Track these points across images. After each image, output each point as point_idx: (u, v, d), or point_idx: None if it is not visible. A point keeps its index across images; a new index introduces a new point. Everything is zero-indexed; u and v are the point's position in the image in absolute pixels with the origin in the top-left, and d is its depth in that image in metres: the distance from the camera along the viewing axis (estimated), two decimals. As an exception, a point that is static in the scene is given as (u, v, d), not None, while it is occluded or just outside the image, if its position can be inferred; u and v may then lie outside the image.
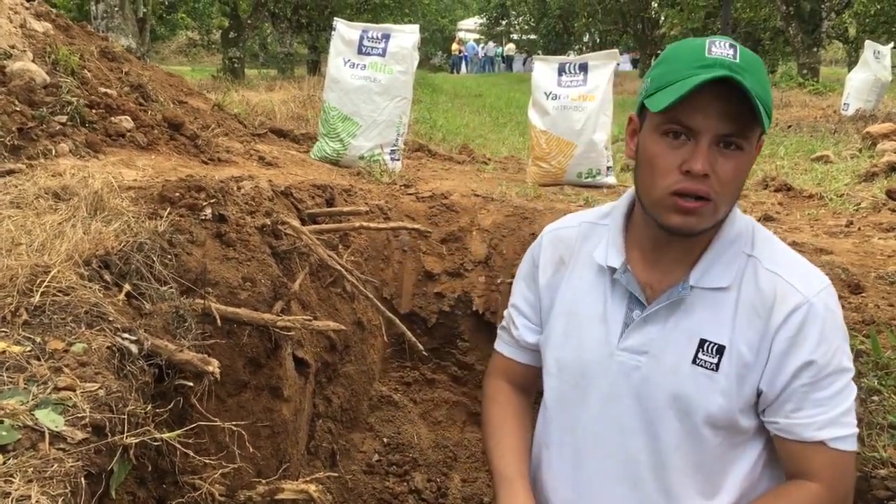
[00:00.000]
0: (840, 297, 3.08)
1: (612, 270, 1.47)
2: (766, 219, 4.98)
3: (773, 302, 1.37)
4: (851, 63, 19.42)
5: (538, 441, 1.64)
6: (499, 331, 1.73)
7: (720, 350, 1.38)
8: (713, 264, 1.41)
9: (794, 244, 4.08)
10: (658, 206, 1.35)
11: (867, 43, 13.40)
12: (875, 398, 2.20)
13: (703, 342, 1.39)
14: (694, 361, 1.39)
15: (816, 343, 1.35)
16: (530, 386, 1.71)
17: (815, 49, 19.50)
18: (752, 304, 1.38)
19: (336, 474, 3.75)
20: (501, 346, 1.71)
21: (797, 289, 1.38)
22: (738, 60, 1.28)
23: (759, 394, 1.39)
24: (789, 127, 12.33)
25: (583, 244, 1.55)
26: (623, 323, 1.46)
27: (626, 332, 1.45)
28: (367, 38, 6.58)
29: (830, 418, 1.37)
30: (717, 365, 1.38)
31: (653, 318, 1.43)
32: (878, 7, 18.33)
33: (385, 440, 4.30)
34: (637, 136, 1.42)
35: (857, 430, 1.42)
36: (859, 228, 4.73)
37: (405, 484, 4.07)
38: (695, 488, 1.43)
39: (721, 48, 1.29)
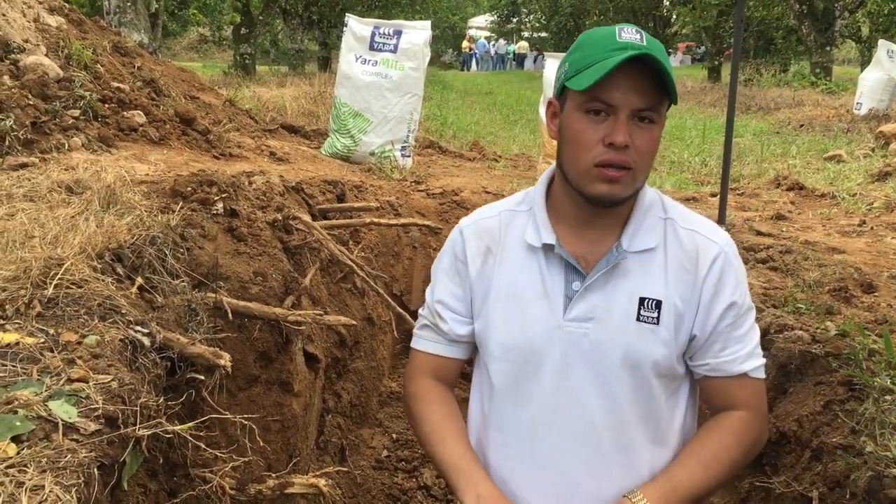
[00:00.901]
0: (853, 297, 3.08)
1: (549, 247, 1.55)
2: (777, 217, 4.96)
3: (697, 255, 1.53)
4: (864, 62, 19.28)
5: (480, 426, 1.68)
6: (418, 331, 1.74)
7: (658, 305, 1.51)
8: (638, 229, 1.54)
9: (806, 243, 4.06)
10: (584, 177, 1.46)
11: (881, 42, 13.32)
12: (888, 398, 2.18)
13: (642, 300, 1.51)
14: (638, 318, 1.51)
15: (735, 286, 1.53)
16: (454, 380, 1.77)
17: (827, 48, 19.40)
18: (678, 260, 1.53)
19: (345, 469, 3.76)
20: (425, 344, 1.72)
21: (713, 241, 1.54)
22: (645, 43, 1.41)
23: (691, 339, 1.54)
24: (802, 126, 12.26)
25: (506, 231, 1.62)
26: (564, 296, 1.54)
27: (570, 304, 1.53)
28: (379, 34, 6.58)
29: (748, 352, 1.55)
30: (658, 318, 1.51)
31: (593, 286, 1.52)
32: (892, 6, 18.22)
33: (394, 436, 4.30)
34: (558, 118, 1.53)
35: (764, 360, 1.59)
36: (872, 228, 4.70)
37: (414, 480, 4.07)
38: (647, 437, 1.55)
39: (630, 34, 1.42)
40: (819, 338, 2.60)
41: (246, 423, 2.25)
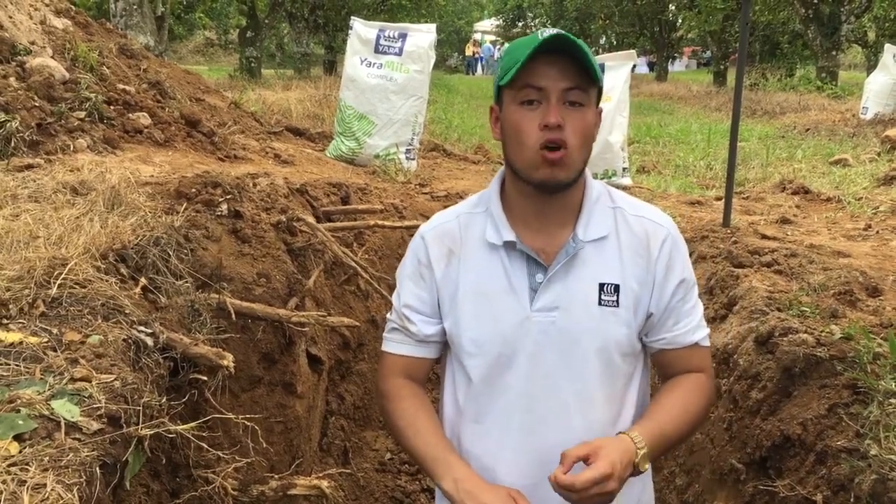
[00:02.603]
0: (858, 300, 3.07)
1: (511, 244, 1.64)
2: (783, 221, 4.94)
3: (647, 239, 1.65)
4: (870, 67, 19.25)
5: (456, 420, 1.76)
6: (388, 334, 1.82)
7: (616, 289, 1.63)
8: (590, 219, 1.65)
9: (811, 247, 4.05)
10: (528, 164, 1.57)
11: (887, 47, 13.28)
12: (892, 401, 2.17)
13: (602, 285, 1.62)
14: (599, 303, 1.62)
15: (682, 264, 1.67)
16: (425, 378, 1.85)
17: (833, 53, 19.34)
18: (631, 245, 1.65)
19: (348, 471, 3.75)
20: (395, 346, 1.79)
21: (661, 224, 1.67)
22: (563, 33, 1.52)
23: (648, 317, 1.66)
24: (807, 130, 12.23)
25: (467, 233, 1.71)
26: (529, 288, 1.63)
27: (535, 296, 1.62)
28: (384, 36, 6.59)
29: (696, 324, 1.69)
30: (617, 301, 1.63)
31: (555, 277, 1.62)
32: (899, 11, 18.20)
33: (397, 438, 4.30)
34: (500, 121, 1.65)
35: (708, 329, 1.74)
36: (878, 232, 4.68)
37: (417, 482, 4.06)
38: (610, 417, 1.66)
39: (549, 33, 1.53)
40: (824, 341, 2.59)
41: (249, 424, 2.25)
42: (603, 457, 1.48)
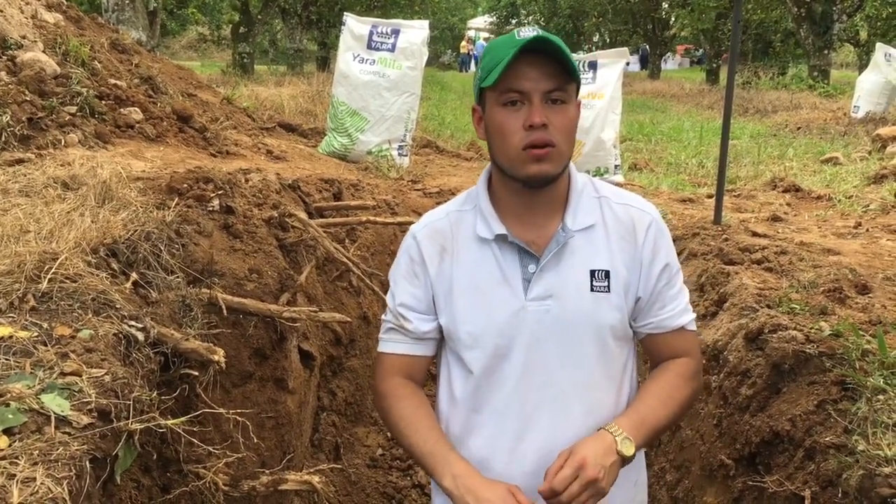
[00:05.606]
0: (847, 298, 3.09)
1: (502, 237, 1.69)
2: (773, 219, 4.96)
3: (633, 226, 1.71)
4: (862, 66, 19.29)
5: (453, 413, 1.79)
6: (384, 335, 1.84)
7: (607, 274, 1.68)
8: (577, 210, 1.70)
9: (801, 244, 4.06)
10: (514, 162, 1.61)
11: (878, 46, 13.33)
12: (880, 397, 2.18)
13: (593, 272, 1.68)
14: (591, 289, 1.67)
15: (667, 249, 1.73)
16: (423, 377, 1.87)
17: (825, 52, 19.40)
18: (617, 232, 1.71)
19: (340, 467, 3.75)
20: (392, 346, 1.81)
21: (645, 211, 1.74)
22: (542, 34, 1.56)
23: (636, 301, 1.72)
24: (799, 129, 12.27)
25: (457, 230, 1.75)
26: (523, 279, 1.68)
27: (529, 286, 1.67)
28: (377, 33, 6.58)
29: (682, 308, 1.75)
30: (608, 286, 1.68)
31: (547, 266, 1.67)
32: (890, 10, 18.24)
33: (389, 435, 4.30)
34: (483, 121, 1.69)
35: (694, 314, 1.81)
36: (868, 230, 4.70)
37: (408, 478, 4.07)
38: (609, 397, 1.72)
39: (527, 32, 1.58)
40: (813, 338, 2.60)
41: (240, 419, 2.25)
42: (574, 452, 1.55)
